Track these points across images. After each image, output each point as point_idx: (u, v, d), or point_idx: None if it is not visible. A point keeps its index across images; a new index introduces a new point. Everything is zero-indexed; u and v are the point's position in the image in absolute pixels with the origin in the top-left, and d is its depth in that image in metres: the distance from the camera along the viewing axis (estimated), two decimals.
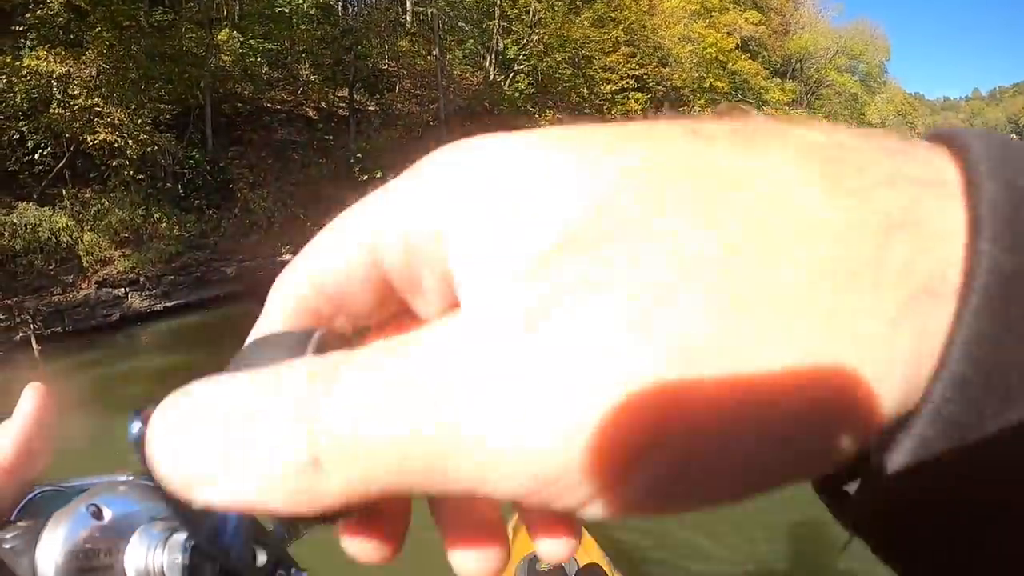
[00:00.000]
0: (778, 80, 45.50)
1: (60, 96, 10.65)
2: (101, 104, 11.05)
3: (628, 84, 27.46)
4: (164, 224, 11.58)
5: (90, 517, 0.31)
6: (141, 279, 10.85)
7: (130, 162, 11.29)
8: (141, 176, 11.56)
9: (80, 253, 10.30)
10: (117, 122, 11.04)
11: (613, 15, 27.08)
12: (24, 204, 9.99)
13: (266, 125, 15.54)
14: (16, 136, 10.47)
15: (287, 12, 16.26)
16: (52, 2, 10.76)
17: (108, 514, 0.31)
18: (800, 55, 51.11)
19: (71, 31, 11.12)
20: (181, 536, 0.31)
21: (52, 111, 10.51)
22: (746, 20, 41.57)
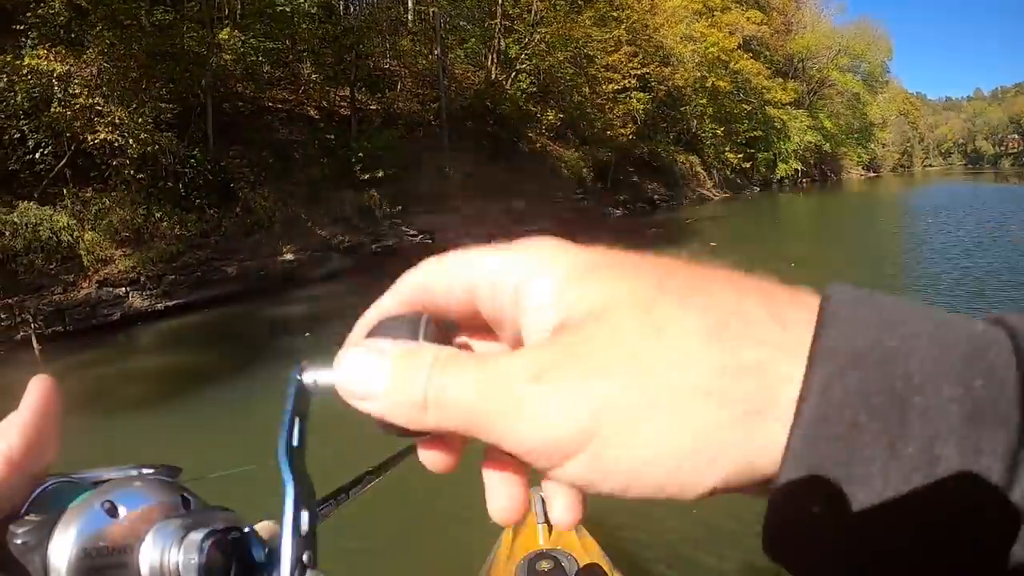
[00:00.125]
0: (780, 80, 45.38)
1: (61, 95, 10.62)
2: (102, 103, 11.03)
3: (630, 83, 27.43)
4: (165, 223, 11.57)
5: (105, 514, 0.30)
6: (142, 278, 10.83)
7: (131, 161, 11.27)
8: (142, 175, 11.53)
9: (81, 252, 10.28)
10: (118, 121, 11.01)
11: (615, 14, 27.05)
12: (25, 203, 9.97)
13: (267, 124, 15.54)
14: (17, 135, 10.45)
15: (289, 11, 16.24)
16: (53, 1, 10.74)
17: (123, 511, 0.31)
18: (802, 54, 50.97)
19: (72, 30, 11.10)
20: (197, 535, 0.31)
21: (53, 110, 10.48)
22: (748, 19, 41.46)
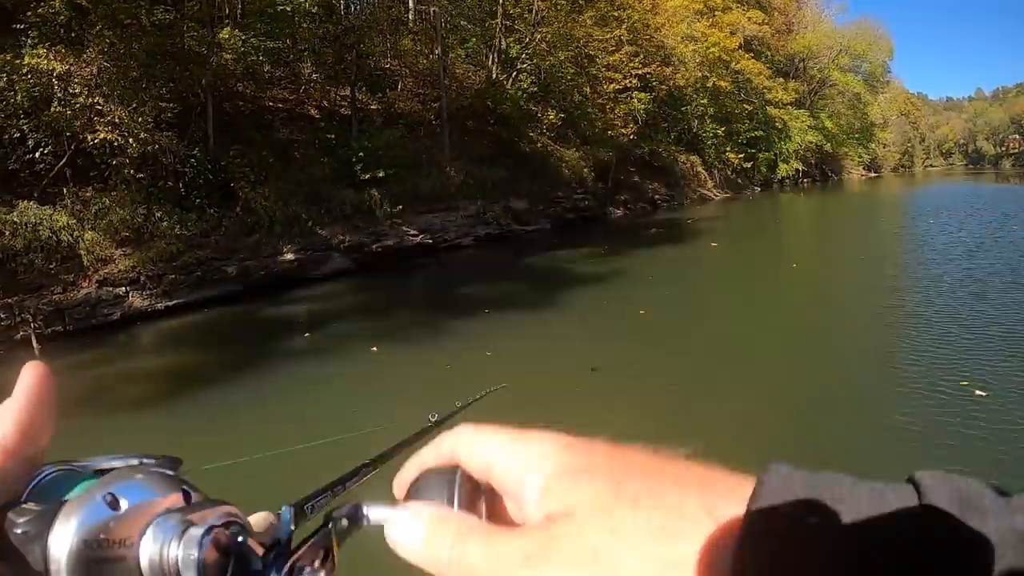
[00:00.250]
0: (781, 80, 45.34)
1: (61, 94, 10.61)
2: (102, 102, 11.01)
3: (631, 83, 27.38)
4: (165, 223, 11.54)
5: (106, 506, 0.30)
6: (142, 278, 10.80)
7: (131, 161, 11.25)
8: (142, 175, 11.51)
9: (81, 252, 10.26)
10: (118, 121, 10.99)
11: (616, 14, 26.97)
12: (25, 203, 9.95)
13: (268, 124, 15.51)
14: (17, 135, 10.43)
15: (289, 10, 16.19)
16: (53, 0, 10.72)
17: (124, 504, 0.31)
18: (803, 54, 50.89)
19: (72, 29, 11.07)
20: (197, 531, 0.31)
21: (53, 109, 10.46)
22: (749, 19, 41.40)
